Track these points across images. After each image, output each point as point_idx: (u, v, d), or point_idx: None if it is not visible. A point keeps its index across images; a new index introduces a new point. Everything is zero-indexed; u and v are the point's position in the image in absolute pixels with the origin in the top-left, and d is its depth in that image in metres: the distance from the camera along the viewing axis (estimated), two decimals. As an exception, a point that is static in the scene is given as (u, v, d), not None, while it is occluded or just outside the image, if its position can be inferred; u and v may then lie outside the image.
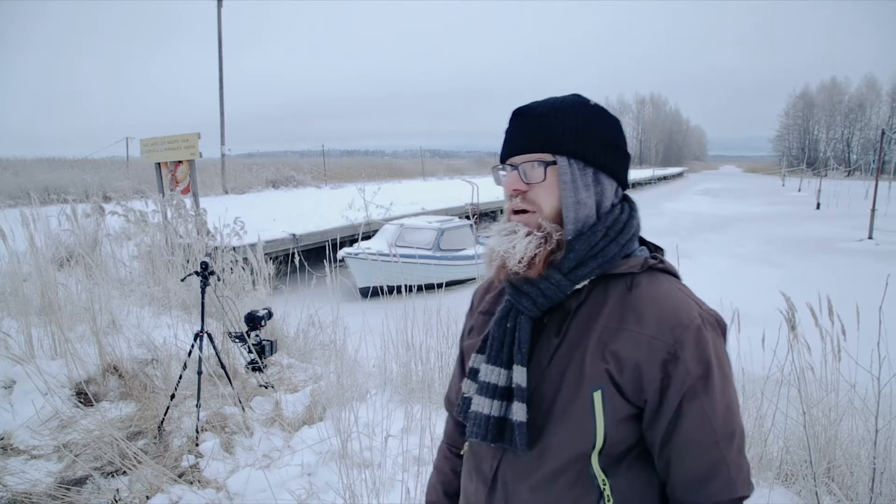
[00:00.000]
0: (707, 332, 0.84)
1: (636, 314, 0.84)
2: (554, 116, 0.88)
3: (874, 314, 2.37)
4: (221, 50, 20.04)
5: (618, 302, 0.86)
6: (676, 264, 0.99)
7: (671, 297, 0.86)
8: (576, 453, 0.85)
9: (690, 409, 0.82)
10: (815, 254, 14.04)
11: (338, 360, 3.70)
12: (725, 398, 0.84)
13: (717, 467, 0.83)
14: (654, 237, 0.98)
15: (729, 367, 0.87)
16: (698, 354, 0.82)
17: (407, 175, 40.32)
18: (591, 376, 0.84)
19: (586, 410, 0.84)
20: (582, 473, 0.86)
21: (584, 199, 0.88)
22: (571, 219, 0.87)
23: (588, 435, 0.84)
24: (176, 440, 3.13)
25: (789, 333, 2.56)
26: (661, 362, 0.82)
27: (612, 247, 0.87)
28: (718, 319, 0.87)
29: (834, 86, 79.21)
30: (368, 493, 2.37)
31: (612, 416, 0.84)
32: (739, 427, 0.86)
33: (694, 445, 0.83)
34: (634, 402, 0.85)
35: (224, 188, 21.21)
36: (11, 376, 3.49)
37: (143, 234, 6.45)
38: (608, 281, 0.88)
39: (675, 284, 0.89)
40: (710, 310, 0.87)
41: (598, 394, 0.83)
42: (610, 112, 0.94)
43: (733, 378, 0.88)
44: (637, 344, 0.82)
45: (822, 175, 34.61)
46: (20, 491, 2.55)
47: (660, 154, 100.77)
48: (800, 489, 2.48)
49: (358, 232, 6.21)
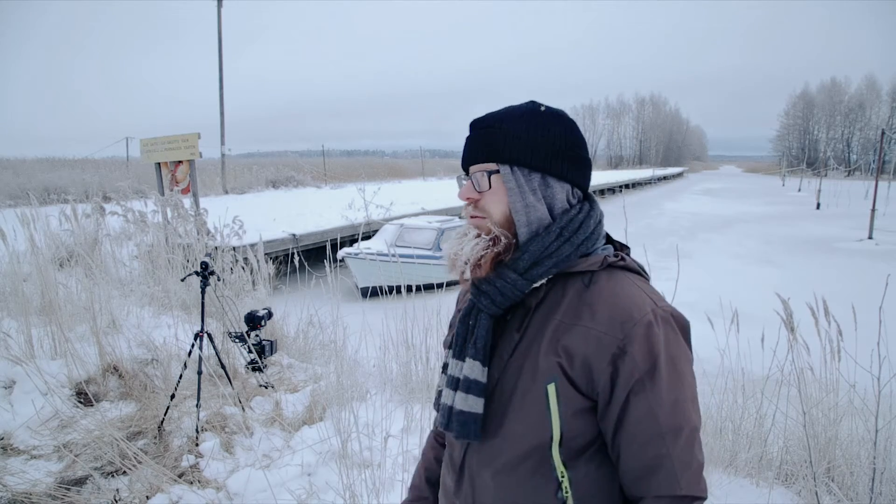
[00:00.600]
0: (658, 328, 0.85)
1: (590, 310, 0.87)
2: (499, 127, 0.93)
3: (874, 314, 2.37)
4: (221, 50, 20.06)
5: (574, 298, 0.90)
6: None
7: (625, 294, 0.88)
8: (534, 444, 0.89)
9: (637, 403, 0.84)
10: (815, 254, 14.04)
11: (338, 360, 3.70)
12: (674, 394, 0.85)
13: (661, 461, 0.85)
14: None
15: (684, 363, 0.88)
16: (647, 349, 0.84)
17: (407, 175, 40.32)
18: (545, 370, 0.88)
19: (541, 403, 0.88)
20: (542, 464, 0.89)
21: (532, 202, 0.92)
22: (523, 222, 0.92)
23: (544, 427, 0.88)
24: (176, 440, 3.13)
25: (789, 334, 2.56)
26: (611, 356, 0.84)
27: (566, 247, 0.91)
28: (675, 316, 0.89)
29: (834, 86, 79.26)
30: (368, 493, 2.37)
31: (567, 409, 0.87)
32: (690, 424, 0.86)
33: (639, 438, 0.85)
34: (588, 396, 0.87)
35: (224, 188, 21.22)
36: (11, 376, 3.49)
37: (143, 234, 6.45)
38: (567, 279, 0.92)
39: (633, 281, 0.91)
40: (666, 306, 0.89)
41: (552, 387, 0.87)
42: (565, 117, 0.97)
43: (690, 377, 0.89)
44: (587, 338, 0.86)
45: (822, 175, 34.59)
46: (20, 491, 2.55)
47: (660, 154, 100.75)
48: (800, 489, 2.48)
49: (358, 232, 6.21)
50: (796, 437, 2.61)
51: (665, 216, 23.88)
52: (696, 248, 14.17)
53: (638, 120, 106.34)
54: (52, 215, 6.58)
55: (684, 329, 0.90)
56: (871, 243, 15.46)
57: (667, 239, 14.82)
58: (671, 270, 2.93)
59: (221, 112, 20.65)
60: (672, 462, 0.85)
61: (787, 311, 2.52)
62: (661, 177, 59.95)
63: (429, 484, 1.19)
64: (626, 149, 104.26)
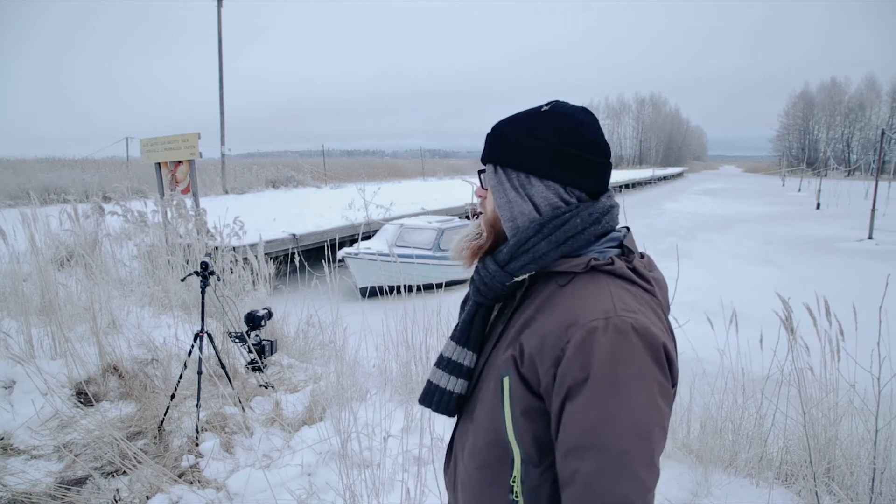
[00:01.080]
0: (604, 336, 0.78)
1: (551, 309, 0.87)
2: (498, 130, 0.99)
3: (874, 314, 2.37)
4: (221, 50, 20.06)
5: (546, 297, 0.91)
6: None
7: (588, 297, 0.84)
8: (493, 435, 0.91)
9: (568, 410, 0.80)
10: (815, 254, 14.04)
11: (337, 360, 3.70)
12: (602, 411, 0.77)
13: (573, 477, 0.78)
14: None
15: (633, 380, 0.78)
16: (583, 358, 0.78)
17: (407, 175, 40.30)
18: (503, 362, 0.90)
19: (498, 394, 0.91)
20: (503, 457, 0.91)
21: (514, 199, 0.95)
22: (507, 217, 0.96)
23: (498, 417, 0.90)
24: (176, 440, 3.13)
25: (788, 335, 2.56)
26: (554, 358, 0.82)
27: (543, 244, 0.91)
28: (639, 329, 0.80)
29: (834, 86, 79.25)
30: (368, 493, 2.38)
31: (516, 404, 0.88)
32: (616, 449, 0.76)
33: (561, 448, 0.81)
34: (538, 395, 0.85)
35: (224, 188, 21.22)
36: (11, 376, 3.49)
37: (143, 234, 6.45)
38: (549, 278, 0.93)
39: (610, 286, 0.86)
40: (629, 317, 0.80)
41: (507, 380, 0.89)
42: (569, 117, 0.94)
43: (640, 395, 0.78)
44: (537, 337, 0.85)
45: (822, 175, 34.59)
46: (20, 491, 2.55)
47: (660, 154, 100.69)
48: (800, 489, 2.48)
49: (358, 232, 6.21)
50: (796, 437, 2.61)
51: (665, 216, 23.88)
52: (696, 248, 14.17)
53: (638, 120, 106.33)
54: (53, 215, 6.59)
55: (650, 345, 0.80)
56: (871, 243, 15.46)
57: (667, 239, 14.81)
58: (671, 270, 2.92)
59: (221, 112, 20.64)
60: (582, 483, 0.77)
61: (787, 311, 2.53)
62: (660, 177, 59.91)
63: None
64: (626, 149, 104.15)
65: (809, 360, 2.62)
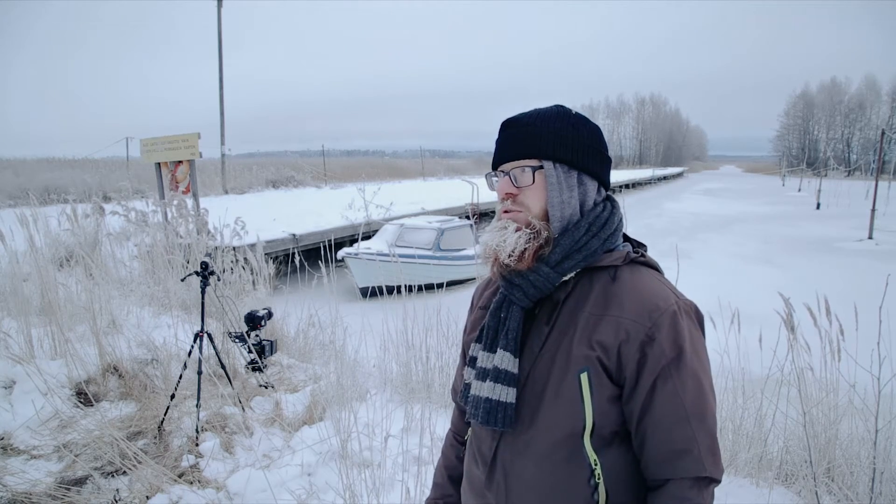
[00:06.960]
0: (682, 318, 0.91)
1: (618, 301, 0.92)
2: (540, 125, 0.97)
3: (874, 314, 2.37)
4: (221, 50, 20.04)
5: (601, 291, 0.94)
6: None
7: (650, 286, 0.94)
8: (567, 433, 0.93)
9: (663, 388, 0.89)
10: (815, 254, 14.02)
11: (337, 360, 3.70)
12: (697, 381, 0.90)
13: (688, 445, 0.89)
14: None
15: (704, 353, 0.94)
16: (673, 337, 0.89)
17: (407, 175, 40.26)
18: (578, 360, 0.91)
19: (575, 392, 0.91)
20: (574, 452, 0.93)
21: (567, 198, 0.97)
22: (557, 217, 0.96)
23: (577, 415, 0.92)
24: (176, 440, 3.13)
25: (789, 334, 2.55)
26: (640, 343, 0.89)
27: (593, 241, 0.96)
28: (695, 309, 0.96)
29: (834, 86, 79.17)
30: (368, 493, 2.37)
31: (600, 397, 0.91)
32: (711, 411, 0.92)
33: (666, 423, 0.89)
34: (617, 383, 0.92)
35: (224, 188, 21.20)
36: (11, 376, 3.49)
37: (144, 234, 6.45)
38: (593, 273, 0.97)
39: (654, 276, 0.98)
40: (686, 300, 0.95)
41: (585, 376, 0.91)
42: (590, 120, 1.03)
43: (708, 365, 0.95)
44: (618, 328, 0.90)
45: (822, 175, 34.54)
46: (20, 491, 2.55)
47: (660, 154, 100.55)
48: (800, 489, 2.48)
49: (358, 232, 6.21)
50: (796, 437, 2.61)
51: (665, 216, 23.87)
52: (696, 248, 14.16)
53: (638, 120, 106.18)
54: (52, 215, 6.58)
55: (701, 321, 0.96)
56: (871, 243, 15.44)
57: (667, 239, 14.81)
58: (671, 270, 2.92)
59: (221, 112, 20.63)
60: (698, 445, 0.89)
61: (787, 311, 2.52)
62: (661, 177, 59.88)
63: (451, 482, 1.23)
64: (626, 149, 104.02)
65: (809, 360, 2.62)
